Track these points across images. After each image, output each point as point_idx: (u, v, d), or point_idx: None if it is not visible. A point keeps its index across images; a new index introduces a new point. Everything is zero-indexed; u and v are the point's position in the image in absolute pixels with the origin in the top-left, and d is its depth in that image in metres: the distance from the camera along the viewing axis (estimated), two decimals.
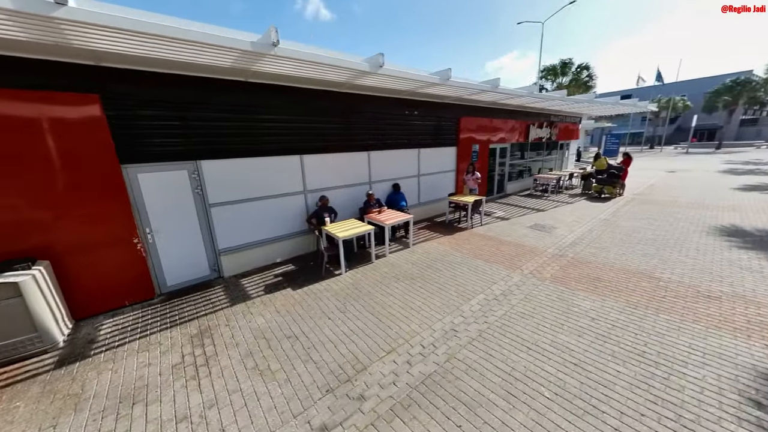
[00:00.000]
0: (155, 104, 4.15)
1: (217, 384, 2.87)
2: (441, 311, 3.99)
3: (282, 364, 3.10)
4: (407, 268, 5.34)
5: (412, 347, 3.32)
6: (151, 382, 2.92)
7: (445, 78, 5.74)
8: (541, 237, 6.77)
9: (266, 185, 5.46)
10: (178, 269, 4.76)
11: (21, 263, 3.27)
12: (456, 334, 3.52)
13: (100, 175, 3.84)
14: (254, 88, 4.91)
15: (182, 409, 2.61)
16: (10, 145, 3.30)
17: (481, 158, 9.97)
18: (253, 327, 3.75)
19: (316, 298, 4.43)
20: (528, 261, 5.51)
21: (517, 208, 9.58)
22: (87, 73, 3.63)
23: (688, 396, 2.57)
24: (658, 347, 3.16)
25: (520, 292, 4.40)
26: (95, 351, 3.39)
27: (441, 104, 8.15)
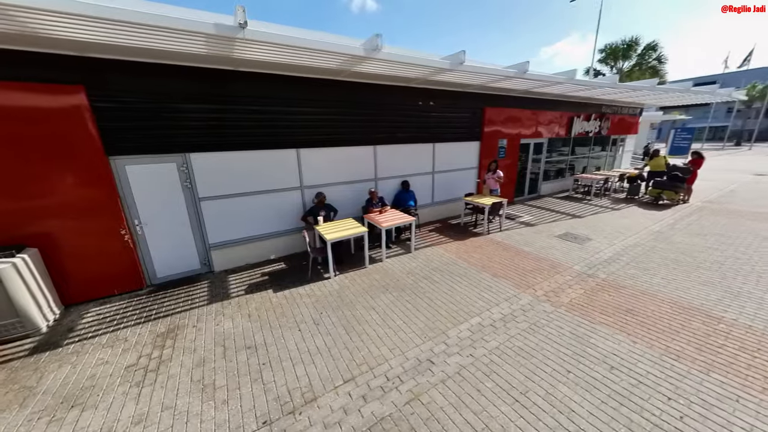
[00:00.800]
0: (140, 95, 4.08)
1: (155, 396, 2.69)
2: (422, 335, 3.45)
3: (228, 381, 2.84)
4: (401, 277, 4.83)
5: (374, 377, 2.86)
6: (99, 383, 2.84)
7: (457, 62, 4.99)
8: (570, 249, 5.77)
9: (260, 180, 5.26)
10: (168, 262, 4.79)
11: (4, 251, 3.40)
12: (431, 366, 2.97)
13: (85, 167, 3.88)
14: (244, 77, 4.66)
15: (111, 421, 2.45)
16: (4, 140, 3.41)
17: (509, 154, 8.91)
18: (218, 331, 3.57)
19: (293, 303, 4.13)
20: (545, 279, 4.66)
21: (548, 213, 8.42)
22: (71, 64, 3.62)
23: None
24: (700, 424, 2.32)
25: (525, 320, 3.67)
26: (68, 341, 3.44)
27: (462, 94, 7.31)
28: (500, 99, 8.11)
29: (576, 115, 10.46)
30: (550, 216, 8.12)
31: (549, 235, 6.64)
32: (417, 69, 5.01)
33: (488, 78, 6.07)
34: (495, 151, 8.56)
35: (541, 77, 6.46)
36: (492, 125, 8.25)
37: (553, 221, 7.63)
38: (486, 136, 8.21)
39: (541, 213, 8.44)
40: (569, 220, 7.66)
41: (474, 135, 8.06)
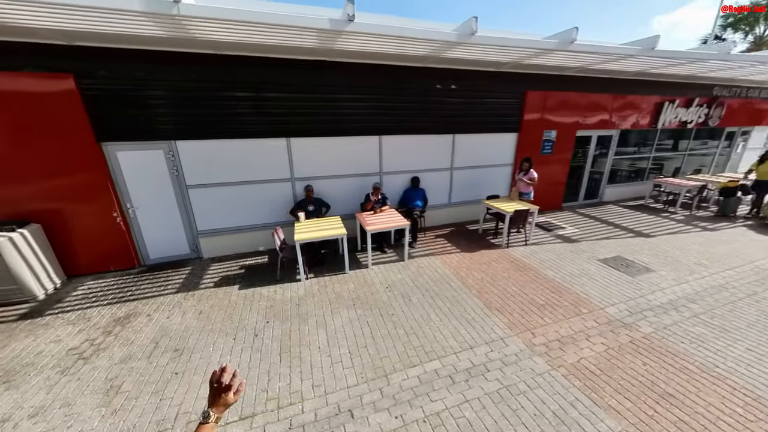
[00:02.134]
0: (124, 82, 4.13)
1: (66, 389, 2.68)
2: (361, 373, 2.84)
3: (133, 386, 2.70)
4: (377, 291, 4.20)
5: (277, 420, 2.39)
6: (37, 362, 2.99)
7: (468, 33, 3.92)
8: (612, 282, 4.35)
9: (249, 170, 5.09)
10: (159, 245, 5.01)
11: (5, 225, 3.83)
12: (347, 421, 2.37)
13: (78, 152, 4.13)
14: (225, 61, 4.40)
15: (14, 407, 2.50)
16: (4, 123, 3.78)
17: (559, 149, 7.22)
18: (163, 325, 3.51)
19: (248, 305, 3.89)
20: (555, 321, 3.53)
21: (603, 226, 6.66)
22: (60, 53, 3.79)
23: None
24: None
25: (498, 379, 2.76)
26: (49, 312, 3.78)
27: (495, 74, 6.02)
28: (548, 80, 6.49)
29: (668, 99, 7.95)
30: (604, 230, 6.39)
31: (590, 257, 5.16)
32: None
33: (511, 54, 4.77)
34: (538, 144, 7.01)
35: (595, 48, 4.83)
36: (535, 112, 6.71)
37: (604, 238, 5.97)
38: (526, 126, 6.74)
39: (593, 225, 6.71)
40: (629, 239, 5.89)
41: (510, 125, 6.67)
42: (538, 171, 6.21)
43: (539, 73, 6.33)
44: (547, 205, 7.66)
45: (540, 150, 7.06)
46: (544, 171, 7.18)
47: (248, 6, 3.37)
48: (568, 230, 6.45)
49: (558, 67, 6.05)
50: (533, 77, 6.35)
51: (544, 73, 6.37)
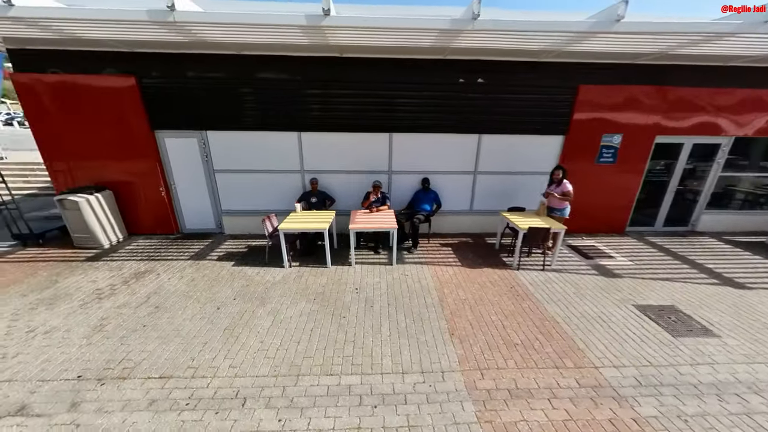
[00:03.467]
0: (170, 81, 4.99)
1: (76, 318, 3.47)
2: (270, 366, 2.87)
3: (111, 330, 3.31)
4: (343, 290, 4.14)
5: (178, 390, 2.64)
6: (74, 294, 3.94)
7: (469, 18, 3.40)
8: (639, 337, 3.31)
9: (265, 160, 5.59)
10: (193, 217, 5.96)
11: (86, 190, 5.11)
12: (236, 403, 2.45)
13: (137, 136, 5.21)
14: (244, 60, 4.88)
15: (44, 321, 3.37)
16: (87, 115, 5.02)
17: (626, 158, 5.73)
18: (161, 284, 4.20)
19: (230, 281, 4.32)
20: (520, 370, 2.89)
21: (675, 263, 5.05)
22: (125, 59, 4.81)
23: None
24: None
25: (408, 416, 2.43)
26: (104, 258, 4.93)
27: (533, 65, 5.10)
28: (611, 71, 5.17)
29: None
30: (672, 269, 4.85)
31: (625, 299, 4.00)
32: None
33: (540, 41, 3.92)
34: (592, 151, 5.68)
35: (664, 27, 3.57)
36: (591, 111, 5.43)
37: (665, 278, 4.53)
38: (577, 128, 5.53)
39: (659, 260, 5.15)
40: (706, 286, 4.33)
41: (554, 125, 5.58)
42: (590, 183, 5.12)
43: (597, 62, 5.10)
44: (601, 226, 6.23)
45: (596, 158, 5.72)
46: (600, 184, 5.83)
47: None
48: (616, 260, 5.11)
49: (623, 54, 4.76)
50: (588, 67, 5.16)
51: (605, 62, 5.10)
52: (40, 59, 4.80)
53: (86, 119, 5.06)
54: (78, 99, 4.94)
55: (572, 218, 5.28)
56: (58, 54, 4.77)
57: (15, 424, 2.30)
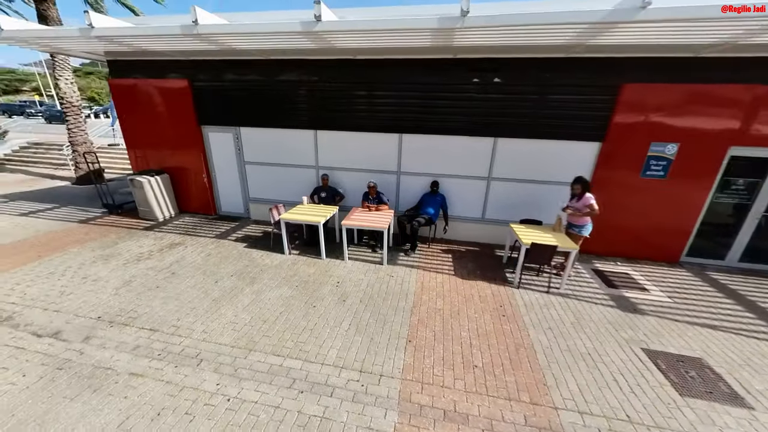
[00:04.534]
0: (212, 82, 5.81)
1: (117, 273, 4.36)
2: (232, 338, 3.21)
3: (135, 286, 4.08)
4: (324, 282, 4.33)
5: (166, 342, 3.15)
6: (124, 255, 4.93)
7: (458, 15, 3.21)
8: (629, 386, 2.77)
9: (286, 155, 6.12)
10: (227, 202, 6.84)
11: (150, 173, 6.28)
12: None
13: (188, 130, 6.20)
14: (267, 65, 5.42)
15: (95, 274, 4.32)
16: (154, 112, 6.15)
17: (685, 172, 4.69)
18: (184, 256, 4.96)
19: (235, 259, 4.89)
20: (468, 393, 2.70)
21: (735, 308, 3.98)
22: (183, 65, 5.76)
23: None
24: None
25: (327, 408, 2.50)
26: (156, 229, 6.02)
27: (559, 62, 4.53)
28: (663, 66, 4.27)
29: None
30: (723, 315, 3.84)
31: (634, 340, 3.34)
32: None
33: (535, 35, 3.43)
34: (637, 161, 4.78)
35: (695, 12, 2.80)
36: (635, 114, 4.58)
37: (709, 326, 3.62)
38: (618, 134, 4.72)
39: (711, 303, 4.11)
40: (767, 344, 3.33)
41: (588, 130, 4.86)
42: (632, 200, 4.47)
43: (647, 56, 4.27)
44: (646, 252, 5.24)
45: (641, 170, 4.81)
46: (646, 202, 4.91)
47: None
48: (649, 294, 4.24)
49: (678, 47, 3.91)
50: (635, 62, 4.36)
51: (658, 56, 4.25)
52: (127, 67, 6.08)
53: (153, 115, 6.23)
54: (148, 98, 6.11)
55: (605, 240, 4.61)
56: (138, 63, 5.97)
57: (48, 343, 3.06)
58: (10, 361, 2.83)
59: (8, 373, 2.71)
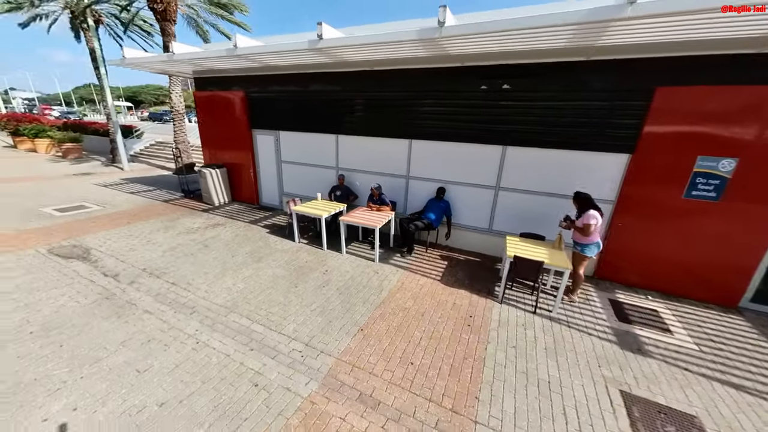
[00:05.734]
0: (260, 93, 6.94)
1: (168, 241, 5.59)
2: (222, 299, 3.87)
3: (177, 250, 5.18)
4: (314, 269, 4.78)
5: (188, 300, 4.01)
6: (181, 227, 6.25)
7: (435, 26, 3.33)
8: (575, 415, 2.45)
9: (312, 156, 6.88)
10: (268, 195, 7.95)
11: (212, 166, 7.76)
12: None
13: (242, 134, 7.49)
14: (299, 77, 6.23)
15: (158, 240, 5.62)
16: (219, 117, 7.60)
17: (749, 195, 3.75)
18: (220, 235, 6.02)
19: (256, 241, 5.72)
20: (390, 385, 2.79)
21: None
22: (241, 80, 7.04)
23: None
24: None
25: (264, 366, 2.88)
26: (212, 212, 7.39)
27: (582, 65, 4.15)
28: (707, 65, 3.52)
29: None
30: (759, 373, 2.96)
31: (614, 380, 2.88)
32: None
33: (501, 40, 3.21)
34: (679, 178, 4.00)
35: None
36: (674, 122, 3.86)
37: (726, 382, 2.84)
38: (651, 145, 4.04)
39: (752, 359, 3.17)
40: None
41: (613, 140, 4.28)
42: (671, 225, 3.96)
43: (689, 54, 3.62)
44: (691, 290, 4.30)
45: (685, 190, 4.01)
46: (690, 229, 4.09)
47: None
48: (671, 337, 3.50)
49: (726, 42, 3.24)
50: (673, 63, 3.73)
51: (701, 55, 3.56)
52: (205, 83, 7.70)
53: (219, 120, 7.72)
54: (216, 107, 7.62)
55: (638, 269, 4.09)
56: (212, 79, 7.51)
57: (107, 281, 4.20)
58: (82, 287, 4.00)
59: (80, 296, 3.85)
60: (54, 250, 4.99)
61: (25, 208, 6.98)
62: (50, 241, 5.33)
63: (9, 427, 2.21)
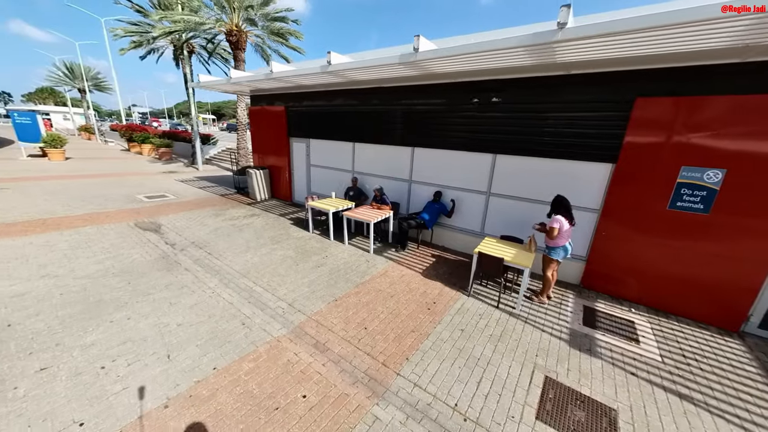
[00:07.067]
0: (296, 108, 8.24)
1: (206, 224, 7.03)
2: (230, 268, 4.92)
3: (212, 233, 6.53)
4: (315, 253, 5.64)
5: (228, 270, 5.22)
6: (227, 215, 7.74)
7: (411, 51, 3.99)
8: (499, 396, 2.81)
9: (334, 161, 7.91)
10: (299, 193, 9.22)
11: (256, 168, 9.30)
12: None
13: (282, 141, 8.90)
14: (326, 93, 7.30)
15: (192, 219, 7.12)
16: (266, 128, 9.13)
17: (739, 208, 3.56)
18: (252, 222, 7.31)
19: (277, 229, 6.85)
20: (342, 339, 3.41)
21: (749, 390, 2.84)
22: (283, 96, 8.46)
23: None
24: None
25: (257, 306, 3.77)
26: (253, 205, 8.87)
27: (563, 78, 4.37)
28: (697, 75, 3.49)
29: None
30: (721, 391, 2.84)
31: (544, 367, 3.10)
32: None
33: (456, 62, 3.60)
34: (663, 188, 3.92)
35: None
36: (655, 132, 3.85)
37: (670, 389, 2.83)
38: (632, 155, 4.06)
39: (730, 377, 3.02)
40: None
41: (595, 150, 4.36)
42: (655, 238, 4.00)
43: (659, 67, 3.66)
44: (684, 309, 4.11)
45: (669, 201, 3.92)
46: (677, 242, 3.97)
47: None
48: (634, 346, 3.48)
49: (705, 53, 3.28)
50: (647, 74, 3.79)
51: (671, 67, 3.58)
52: (257, 98, 9.37)
53: (265, 130, 9.29)
54: (264, 119, 9.19)
55: (623, 281, 4.23)
56: (263, 96, 9.12)
57: (167, 247, 5.61)
58: (150, 249, 5.45)
59: (147, 254, 5.26)
60: (137, 224, 6.73)
61: (127, 194, 9.28)
62: (137, 217, 7.16)
63: (92, 321, 3.42)
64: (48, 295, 3.87)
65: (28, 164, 13.37)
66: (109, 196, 8.84)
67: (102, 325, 3.39)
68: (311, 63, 6.77)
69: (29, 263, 4.64)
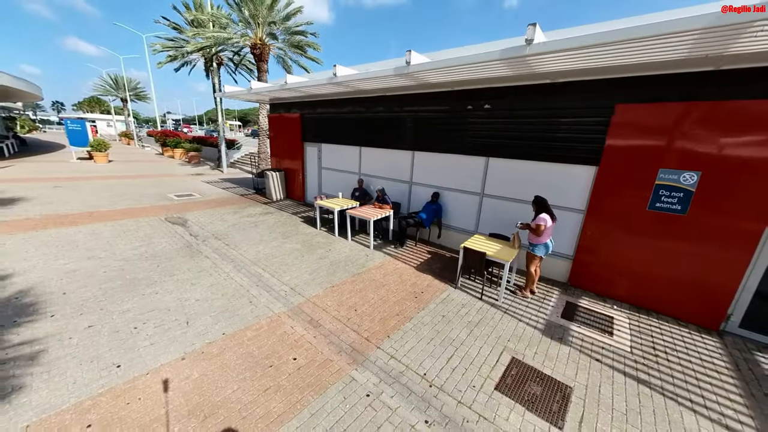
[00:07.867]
0: (310, 115, 8.91)
1: (225, 219, 7.76)
2: (243, 256, 5.52)
3: (230, 229, 7.23)
4: (319, 247, 6.15)
5: (244, 263, 5.87)
6: (249, 212, 8.48)
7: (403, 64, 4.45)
8: (463, 367, 3.14)
9: (343, 163, 8.47)
10: (310, 194, 9.85)
11: (273, 170, 10.05)
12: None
13: (296, 145, 9.60)
14: (335, 101, 7.89)
15: (214, 215, 7.86)
16: (282, 134, 9.88)
17: (716, 208, 3.71)
18: (266, 220, 7.98)
19: (288, 226, 7.45)
20: (334, 306, 3.86)
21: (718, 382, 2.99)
22: (298, 104, 9.17)
23: None
24: None
25: (260, 283, 4.31)
26: (270, 204, 9.60)
27: (549, 87, 4.66)
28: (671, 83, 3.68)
29: None
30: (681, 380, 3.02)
31: (512, 350, 3.37)
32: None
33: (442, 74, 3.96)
34: (642, 190, 4.10)
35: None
36: (633, 136, 4.05)
37: (631, 375, 3.04)
38: (613, 158, 4.26)
39: (695, 370, 3.18)
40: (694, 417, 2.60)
41: (580, 153, 4.59)
42: (634, 237, 4.22)
43: (637, 75, 3.89)
44: (663, 306, 4.24)
45: (649, 202, 4.09)
46: (656, 241, 4.13)
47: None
48: (607, 338, 3.68)
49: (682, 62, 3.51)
50: (626, 82, 4.02)
51: (648, 75, 3.80)
52: (276, 106, 10.17)
53: (282, 135, 10.04)
54: (281, 125, 9.96)
55: (608, 280, 4.45)
56: (280, 104, 9.90)
57: (190, 238, 6.34)
58: (176, 239, 6.19)
59: (174, 243, 6.00)
60: (167, 218, 7.56)
61: (159, 193, 10.31)
62: (167, 213, 8.03)
63: (127, 294, 4.09)
64: (94, 272, 4.61)
65: (78, 166, 15.02)
66: (144, 194, 9.89)
67: (135, 297, 4.04)
68: (321, 74, 7.42)
69: (78, 248, 5.47)
